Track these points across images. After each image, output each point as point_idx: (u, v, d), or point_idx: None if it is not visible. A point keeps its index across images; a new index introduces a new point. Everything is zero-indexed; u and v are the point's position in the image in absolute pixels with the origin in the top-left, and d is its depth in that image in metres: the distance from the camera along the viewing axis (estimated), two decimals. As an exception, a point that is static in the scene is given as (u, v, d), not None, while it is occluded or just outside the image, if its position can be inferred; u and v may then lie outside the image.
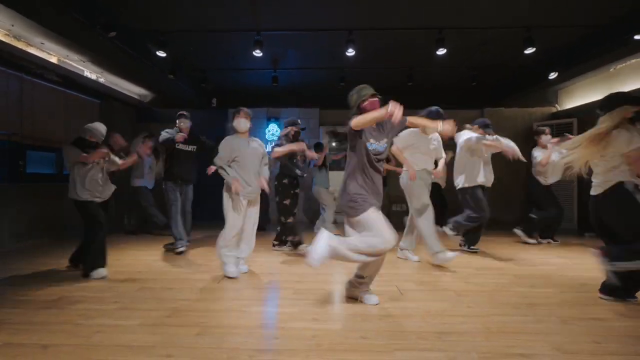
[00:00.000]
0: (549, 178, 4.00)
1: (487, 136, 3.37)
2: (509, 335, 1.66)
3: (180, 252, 3.45)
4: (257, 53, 3.90)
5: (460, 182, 3.46)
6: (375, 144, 2.01)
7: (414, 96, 6.27)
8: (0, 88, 3.76)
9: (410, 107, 6.68)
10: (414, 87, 5.51)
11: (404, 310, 1.99)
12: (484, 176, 3.40)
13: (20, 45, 3.78)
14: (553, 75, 4.44)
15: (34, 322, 1.83)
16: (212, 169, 2.89)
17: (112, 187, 2.91)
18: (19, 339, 1.64)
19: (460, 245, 3.65)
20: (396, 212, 6.32)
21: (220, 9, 3.42)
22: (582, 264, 3.05)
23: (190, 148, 3.52)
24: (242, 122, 2.73)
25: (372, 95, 2.03)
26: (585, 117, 4.95)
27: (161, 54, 3.85)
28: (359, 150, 2.00)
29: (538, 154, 3.97)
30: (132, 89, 5.84)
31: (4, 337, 1.65)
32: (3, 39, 3.54)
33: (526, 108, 6.15)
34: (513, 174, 5.28)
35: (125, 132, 5.63)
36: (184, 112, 3.49)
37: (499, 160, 4.80)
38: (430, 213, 2.96)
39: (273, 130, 6.03)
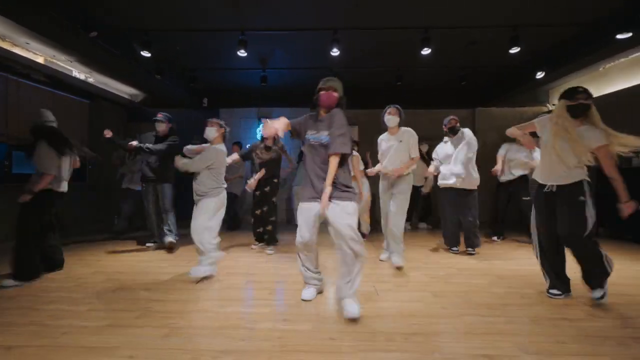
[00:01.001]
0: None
1: None
2: (476, 336, 1.65)
3: (150, 247, 3.74)
4: (242, 53, 3.89)
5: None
6: (313, 135, 2.04)
7: (404, 96, 6.26)
8: (-15, 88, 3.75)
9: (404, 106, 6.67)
10: (404, 87, 5.49)
11: (377, 310, 1.98)
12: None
13: (5, 45, 3.77)
14: (540, 75, 4.43)
15: (0, 323, 1.81)
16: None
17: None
18: (-17, 340, 1.63)
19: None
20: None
21: (203, 8, 3.40)
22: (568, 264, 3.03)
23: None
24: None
25: (334, 89, 2.05)
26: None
27: (145, 53, 3.84)
28: (304, 143, 2.10)
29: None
30: (122, 89, 5.83)
31: (-33, 339, 1.64)
32: (-13, 39, 3.54)
33: (517, 108, 6.15)
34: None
35: (117, 131, 5.63)
36: (158, 117, 3.52)
37: (490, 162, 4.79)
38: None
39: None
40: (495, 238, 4.29)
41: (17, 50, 3.93)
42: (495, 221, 4.49)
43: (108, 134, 3.30)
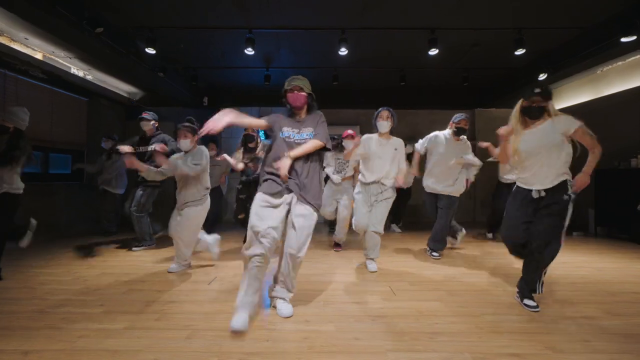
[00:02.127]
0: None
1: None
2: (501, 335, 1.66)
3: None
4: (249, 51, 3.85)
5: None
6: (289, 132, 1.97)
7: (405, 96, 6.31)
8: (-18, 84, 3.63)
9: (403, 107, 6.69)
10: (405, 87, 5.52)
11: (397, 310, 1.98)
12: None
13: (3, 40, 3.66)
14: (543, 77, 4.50)
15: (12, 327, 1.75)
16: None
17: None
18: (-2, 345, 1.57)
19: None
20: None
21: (211, 5, 3.36)
22: (571, 263, 3.09)
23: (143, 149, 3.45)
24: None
25: (299, 89, 1.97)
26: (574, 117, 5.04)
27: (150, 51, 3.77)
28: (274, 140, 1.99)
29: None
30: (121, 87, 5.72)
31: (-19, 343, 1.58)
32: (-16, 34, 3.43)
33: (516, 109, 6.24)
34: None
35: (116, 130, 5.53)
36: (144, 115, 3.41)
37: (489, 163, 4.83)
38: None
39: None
40: (490, 235, 4.31)
41: (15, 46, 3.82)
42: (493, 219, 4.46)
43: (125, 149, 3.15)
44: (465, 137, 3.23)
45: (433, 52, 3.81)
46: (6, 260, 3.11)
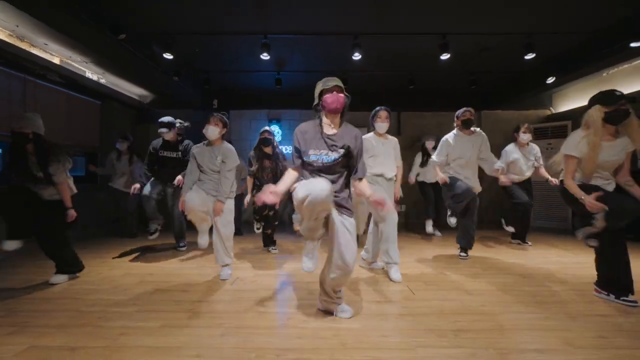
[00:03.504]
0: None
1: None
2: (522, 332, 1.74)
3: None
4: (265, 56, 3.93)
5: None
6: (316, 154, 1.79)
7: (411, 98, 6.39)
8: (3, 88, 3.71)
9: (411, 109, 6.73)
10: (413, 90, 5.59)
11: (419, 309, 2.05)
12: None
13: (23, 45, 3.74)
14: (551, 80, 4.57)
15: (53, 325, 1.83)
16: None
17: None
18: (44, 342, 1.65)
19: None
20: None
21: (227, 11, 3.43)
22: (582, 263, 3.16)
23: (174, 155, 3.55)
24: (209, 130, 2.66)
25: (339, 89, 1.79)
26: (579, 119, 5.11)
27: (168, 56, 3.85)
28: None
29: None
30: (132, 90, 5.81)
31: (29, 340, 1.66)
32: (7, 40, 3.51)
33: (522, 111, 6.31)
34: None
35: (127, 132, 5.61)
36: (162, 129, 3.41)
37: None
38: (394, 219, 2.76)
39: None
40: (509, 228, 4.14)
41: (34, 51, 3.90)
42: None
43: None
44: (478, 128, 3.28)
45: (445, 56, 3.88)
46: (30, 261, 3.21)
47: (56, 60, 4.22)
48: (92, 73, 4.88)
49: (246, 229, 5.08)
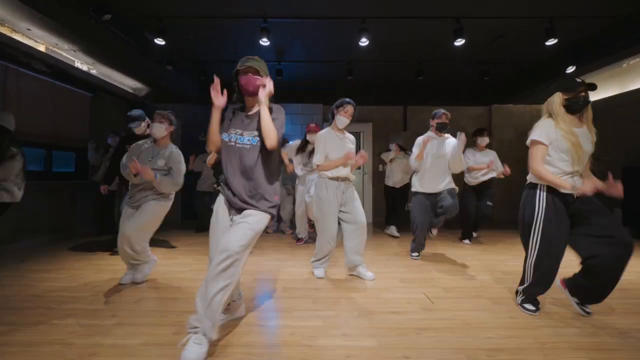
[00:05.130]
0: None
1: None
2: (566, 352, 1.47)
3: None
4: (264, 42, 3.64)
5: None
6: (231, 134, 1.63)
7: (417, 92, 6.10)
8: (-18, 77, 3.44)
9: (419, 103, 6.45)
10: (420, 83, 5.31)
11: (442, 321, 1.78)
12: None
13: (4, 30, 3.46)
14: (571, 69, 4.28)
15: (15, 343, 1.56)
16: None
17: None
18: (0, 365, 1.38)
19: None
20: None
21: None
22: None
23: None
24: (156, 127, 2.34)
25: (254, 71, 1.63)
26: (597, 112, 4.84)
27: (160, 41, 3.57)
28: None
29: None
30: (126, 82, 5.52)
31: (-19, 363, 1.39)
32: (-15, 23, 3.24)
33: (535, 105, 6.02)
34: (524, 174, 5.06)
35: (119, 127, 5.34)
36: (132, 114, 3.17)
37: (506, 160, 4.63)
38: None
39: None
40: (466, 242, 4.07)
41: (17, 37, 3.62)
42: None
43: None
44: (447, 134, 3.05)
45: (459, 42, 3.59)
46: (6, 263, 2.94)
47: (41, 48, 3.93)
48: (81, 63, 4.60)
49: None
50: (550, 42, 3.53)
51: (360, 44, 3.67)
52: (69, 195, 4.50)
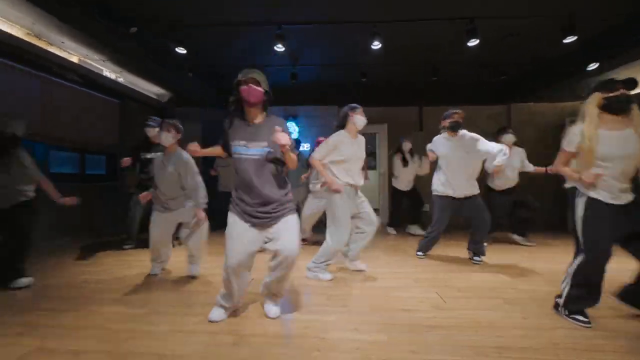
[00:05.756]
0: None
1: None
2: (581, 353, 1.48)
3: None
4: (279, 48, 3.77)
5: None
6: (238, 147, 1.74)
7: (433, 92, 6.06)
8: (23, 88, 3.76)
9: (435, 103, 6.39)
10: (435, 83, 5.28)
11: (452, 320, 1.83)
12: None
13: (41, 44, 3.77)
14: (593, 67, 4.14)
15: (63, 326, 1.76)
16: None
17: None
18: (51, 345, 1.56)
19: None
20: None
21: (239, 2, 3.31)
22: None
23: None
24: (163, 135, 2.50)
25: (256, 83, 1.70)
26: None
27: (181, 50, 3.78)
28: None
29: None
30: (150, 89, 5.82)
31: (36, 342, 1.59)
32: (25, 38, 3.54)
33: (557, 103, 5.84)
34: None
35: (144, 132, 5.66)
36: (149, 122, 3.46)
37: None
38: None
39: (291, 128, 5.91)
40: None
41: (52, 50, 3.93)
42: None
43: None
44: (464, 131, 2.96)
45: (473, 42, 3.58)
46: (47, 258, 3.21)
47: (74, 59, 4.24)
48: (109, 72, 4.90)
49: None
50: (569, 39, 3.45)
51: (373, 47, 3.72)
52: (100, 195, 4.81)
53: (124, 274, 2.74)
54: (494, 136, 3.81)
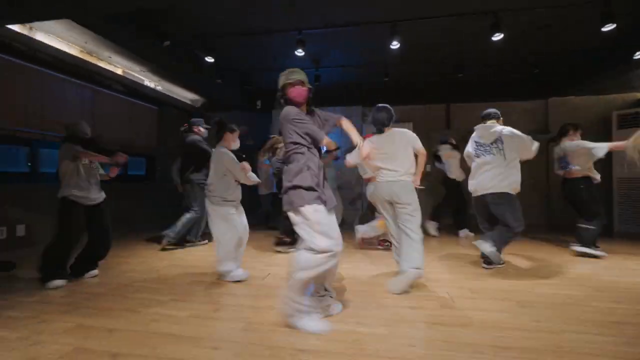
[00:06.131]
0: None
1: None
2: (585, 357, 1.42)
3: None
4: (299, 52, 3.91)
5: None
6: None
7: (462, 89, 5.85)
8: (77, 98, 4.28)
9: (462, 101, 6.16)
10: (465, 79, 5.10)
11: (456, 319, 1.82)
12: None
13: (92, 59, 4.26)
14: (639, 55, 3.77)
15: (100, 307, 2.02)
16: None
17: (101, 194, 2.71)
18: (89, 322, 1.81)
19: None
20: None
21: (261, 10, 3.49)
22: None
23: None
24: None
25: (301, 83, 1.84)
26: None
27: (209, 59, 4.06)
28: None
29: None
30: (185, 95, 6.28)
31: (77, 320, 1.85)
32: (79, 55, 4.03)
33: (602, 95, 5.37)
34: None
35: (181, 135, 6.12)
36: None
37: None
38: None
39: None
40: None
41: (101, 64, 4.42)
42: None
43: None
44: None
45: (497, 37, 3.44)
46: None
47: (119, 71, 4.73)
48: (149, 81, 5.38)
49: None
50: (608, 27, 3.18)
51: (392, 47, 3.72)
52: (141, 194, 5.31)
53: (156, 265, 3.04)
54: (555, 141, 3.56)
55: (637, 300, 2.09)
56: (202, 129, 3.85)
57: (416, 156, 2.50)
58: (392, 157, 2.42)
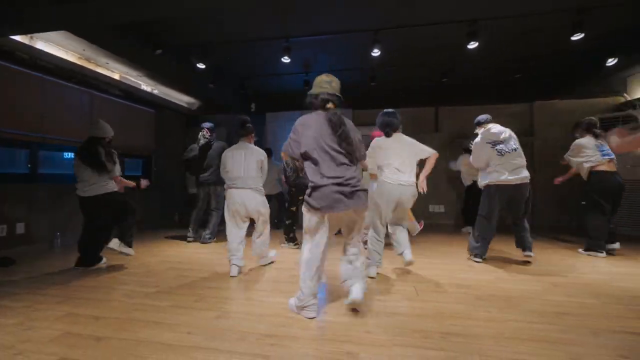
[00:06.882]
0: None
1: None
2: (523, 342, 1.57)
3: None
4: (285, 59, 4.09)
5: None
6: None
7: (450, 93, 6.00)
8: (76, 103, 4.46)
9: (451, 103, 6.32)
10: (451, 84, 5.25)
11: (415, 310, 1.97)
12: None
13: (90, 65, 4.45)
14: (612, 62, 3.91)
15: (90, 298, 2.19)
16: None
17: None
18: (78, 311, 1.98)
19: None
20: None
21: (252, 20, 3.66)
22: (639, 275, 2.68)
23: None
24: None
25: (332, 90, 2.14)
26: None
27: (200, 65, 4.25)
28: None
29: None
30: (181, 98, 6.47)
31: (68, 309, 2.01)
32: (77, 62, 4.22)
33: (586, 99, 5.49)
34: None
35: (178, 136, 6.31)
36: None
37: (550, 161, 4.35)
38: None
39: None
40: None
41: (99, 70, 4.61)
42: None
43: None
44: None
45: (472, 45, 3.60)
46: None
47: (116, 76, 4.92)
48: (146, 85, 5.57)
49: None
50: (577, 37, 3.33)
51: (372, 54, 3.88)
52: (138, 194, 5.48)
53: (147, 260, 3.21)
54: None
55: (591, 295, 2.23)
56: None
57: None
58: (403, 162, 2.64)
